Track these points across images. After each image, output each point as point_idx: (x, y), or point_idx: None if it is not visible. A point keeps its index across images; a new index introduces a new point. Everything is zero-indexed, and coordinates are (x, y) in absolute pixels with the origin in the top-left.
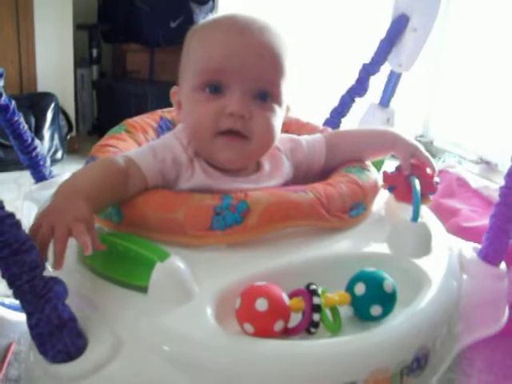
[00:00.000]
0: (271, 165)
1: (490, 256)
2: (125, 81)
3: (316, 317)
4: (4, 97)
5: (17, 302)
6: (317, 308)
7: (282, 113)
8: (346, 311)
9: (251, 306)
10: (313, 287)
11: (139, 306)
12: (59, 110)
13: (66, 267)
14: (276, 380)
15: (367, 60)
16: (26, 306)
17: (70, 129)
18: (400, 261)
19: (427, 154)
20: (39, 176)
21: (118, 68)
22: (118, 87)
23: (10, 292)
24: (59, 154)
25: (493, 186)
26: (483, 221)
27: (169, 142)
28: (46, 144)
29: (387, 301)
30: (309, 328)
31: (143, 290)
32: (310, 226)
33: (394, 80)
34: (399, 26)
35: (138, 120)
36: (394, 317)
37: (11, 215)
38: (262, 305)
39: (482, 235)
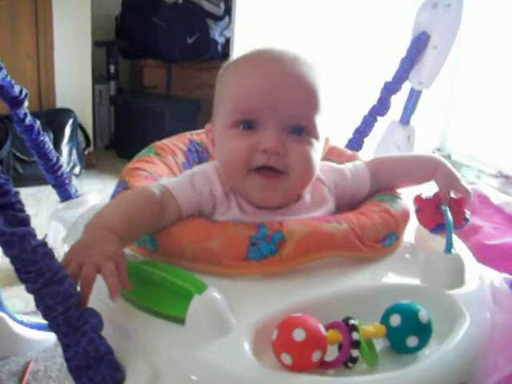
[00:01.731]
0: (312, 196)
1: None
2: (142, 96)
3: (355, 353)
4: (29, 117)
5: (34, 320)
6: (356, 344)
7: (320, 146)
8: (380, 343)
9: (289, 336)
10: (352, 322)
11: (176, 338)
12: (77, 126)
13: (101, 297)
14: None
15: (388, 79)
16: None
17: (88, 144)
18: (434, 293)
19: (467, 186)
20: (65, 195)
21: (135, 84)
22: (135, 103)
23: (27, 310)
24: (77, 170)
25: None
26: (506, 238)
27: (208, 173)
28: (64, 159)
29: (423, 331)
30: (347, 363)
31: (180, 320)
32: (344, 257)
33: (414, 97)
34: (420, 43)
35: (166, 143)
36: (430, 351)
37: (44, 244)
38: (299, 335)
39: (505, 252)
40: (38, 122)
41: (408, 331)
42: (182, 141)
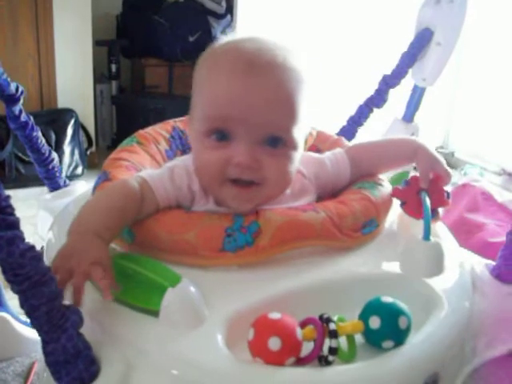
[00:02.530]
0: (292, 189)
1: (503, 274)
2: (144, 96)
3: (334, 343)
4: (23, 114)
5: None
6: (334, 334)
7: (298, 154)
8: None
9: (264, 343)
10: (326, 316)
11: (150, 331)
12: (79, 126)
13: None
14: None
15: (388, 72)
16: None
17: (90, 144)
18: (412, 281)
19: (447, 168)
20: (54, 186)
21: (136, 83)
22: (137, 102)
23: None
24: (79, 170)
25: None
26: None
27: (188, 168)
28: (66, 160)
29: (400, 336)
30: (327, 356)
31: (154, 314)
32: (321, 246)
33: (417, 95)
34: (423, 40)
35: (149, 131)
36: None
37: (32, 248)
38: (275, 344)
39: None
40: (32, 118)
41: (385, 335)
42: (165, 128)
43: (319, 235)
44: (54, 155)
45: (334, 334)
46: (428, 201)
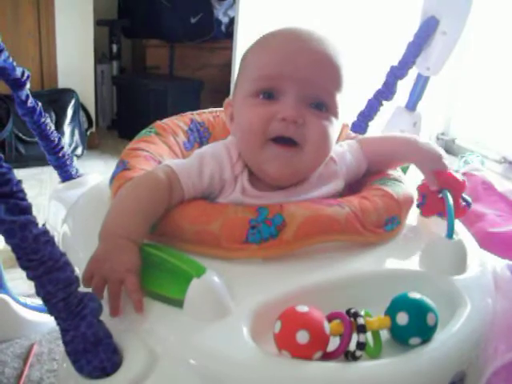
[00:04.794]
0: (321, 173)
1: None
2: (144, 76)
3: (362, 338)
4: (31, 99)
5: (38, 302)
6: (362, 328)
7: (338, 125)
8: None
9: (291, 336)
10: (353, 310)
11: (174, 322)
12: (79, 106)
13: None
14: None
15: (394, 63)
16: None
17: (90, 124)
18: (435, 279)
19: (448, 166)
20: (66, 175)
21: (137, 64)
22: (137, 83)
23: (31, 291)
24: (79, 150)
25: None
26: (509, 226)
27: (219, 155)
28: (66, 140)
29: (428, 333)
30: (354, 351)
31: (179, 304)
32: (345, 241)
33: (421, 83)
34: (428, 28)
35: (167, 122)
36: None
37: (45, 232)
38: (303, 337)
39: (507, 241)
40: (40, 104)
41: (413, 332)
42: (183, 120)
43: (343, 230)
44: (65, 143)
45: (362, 329)
46: (451, 198)
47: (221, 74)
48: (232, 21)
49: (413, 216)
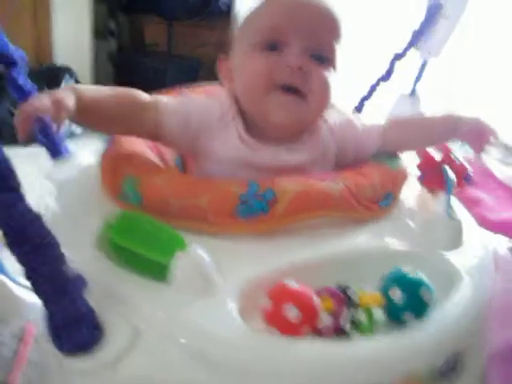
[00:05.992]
0: (310, 134)
1: None
2: (143, 54)
3: (354, 312)
4: (28, 83)
5: None
6: (354, 304)
7: (335, 77)
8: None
9: (280, 312)
10: (344, 286)
11: (159, 297)
12: (76, 83)
13: (84, 254)
14: (302, 381)
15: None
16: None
17: None
18: (430, 255)
19: (491, 127)
20: (56, 154)
21: (135, 41)
22: (135, 60)
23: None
24: (78, 130)
25: None
26: (505, 213)
27: (206, 101)
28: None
29: (422, 308)
30: (344, 327)
31: (162, 277)
32: (338, 217)
33: (421, 68)
34: (434, 12)
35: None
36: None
37: (31, 210)
38: (292, 313)
39: (505, 227)
40: (36, 86)
41: (407, 307)
42: (173, 95)
43: (336, 205)
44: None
45: (354, 305)
46: (450, 173)
47: (219, 52)
48: None
49: (411, 192)
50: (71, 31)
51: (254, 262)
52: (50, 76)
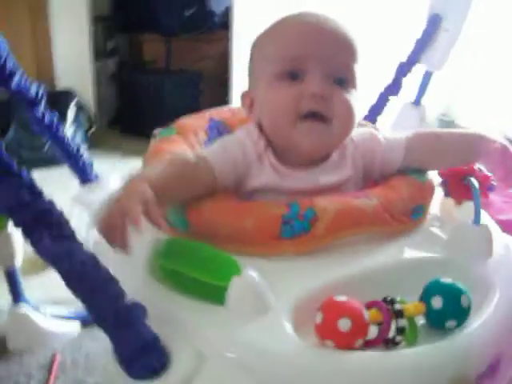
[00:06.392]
0: (339, 154)
1: None
2: (143, 71)
3: (400, 323)
4: (47, 115)
5: (57, 311)
6: (400, 314)
7: (358, 96)
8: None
9: (334, 325)
10: (390, 298)
11: (217, 320)
12: (80, 107)
13: (135, 282)
14: None
15: (401, 59)
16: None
17: (91, 124)
18: (463, 265)
19: None
20: (85, 178)
21: (135, 59)
22: (136, 78)
23: (48, 298)
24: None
25: None
26: None
27: (239, 137)
28: None
29: (463, 315)
30: (394, 338)
31: (219, 300)
32: (374, 232)
33: (426, 79)
34: (434, 25)
35: (187, 121)
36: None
37: (91, 255)
38: (345, 325)
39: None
40: (55, 118)
41: (448, 315)
42: (202, 118)
43: (372, 221)
44: (84, 149)
45: (400, 314)
46: (477, 184)
47: (218, 64)
48: (226, 11)
49: (436, 204)
50: (72, 55)
51: (302, 279)
52: (55, 101)
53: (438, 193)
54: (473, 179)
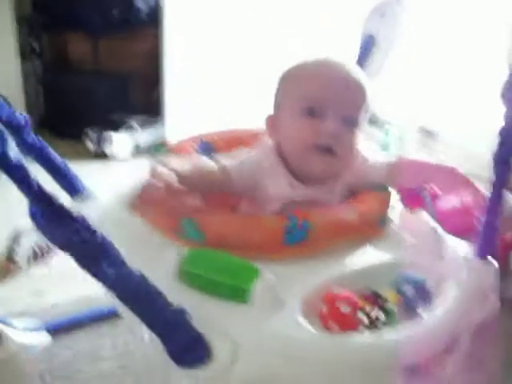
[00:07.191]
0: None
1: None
2: (69, 72)
3: (388, 305)
4: (36, 140)
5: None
6: (384, 304)
7: (360, 134)
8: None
9: (337, 310)
10: (374, 289)
11: (245, 316)
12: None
13: (167, 288)
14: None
15: None
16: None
17: None
18: (423, 264)
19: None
20: (74, 191)
21: (60, 59)
22: (62, 79)
23: (14, 311)
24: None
25: None
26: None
27: (256, 154)
28: None
29: (429, 299)
30: (377, 318)
31: (243, 300)
32: (355, 239)
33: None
34: (368, 46)
35: (179, 144)
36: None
37: (142, 276)
38: (345, 308)
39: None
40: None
41: (420, 298)
42: (192, 141)
43: (355, 230)
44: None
45: (384, 304)
46: (428, 197)
47: (147, 63)
48: (152, 8)
49: (395, 214)
50: None
51: (305, 279)
52: None
53: (398, 204)
54: (425, 192)
